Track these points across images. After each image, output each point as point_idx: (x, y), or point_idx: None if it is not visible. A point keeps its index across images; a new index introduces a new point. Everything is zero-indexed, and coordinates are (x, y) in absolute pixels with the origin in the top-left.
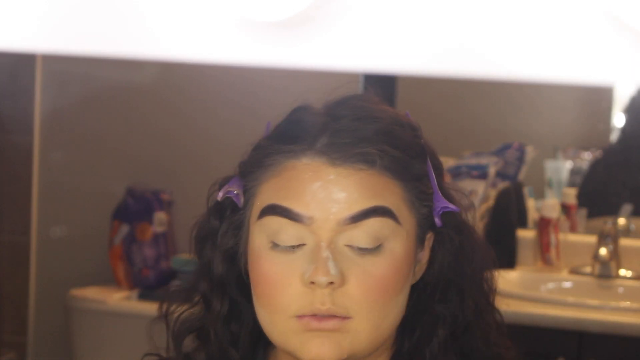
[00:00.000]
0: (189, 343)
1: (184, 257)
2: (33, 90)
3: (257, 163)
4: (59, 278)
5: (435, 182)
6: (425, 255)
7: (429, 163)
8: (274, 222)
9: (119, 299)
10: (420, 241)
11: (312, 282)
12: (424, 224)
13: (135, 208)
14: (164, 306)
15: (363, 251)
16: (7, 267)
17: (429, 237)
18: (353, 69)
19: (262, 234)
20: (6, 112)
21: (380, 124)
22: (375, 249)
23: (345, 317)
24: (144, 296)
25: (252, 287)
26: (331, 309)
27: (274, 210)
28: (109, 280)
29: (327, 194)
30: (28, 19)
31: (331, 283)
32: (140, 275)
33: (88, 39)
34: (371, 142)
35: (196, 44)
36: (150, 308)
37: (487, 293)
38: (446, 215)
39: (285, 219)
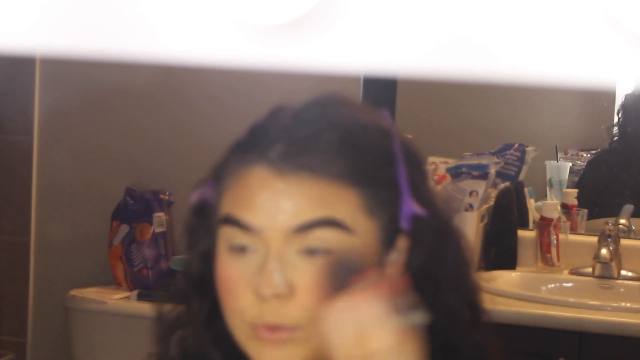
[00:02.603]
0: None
1: (184, 257)
2: (33, 90)
3: (221, 169)
4: (58, 278)
5: (407, 185)
6: (400, 257)
7: (401, 166)
8: (229, 231)
9: (118, 299)
10: (386, 245)
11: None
12: (391, 228)
13: (135, 208)
14: (157, 306)
15: (313, 257)
16: (7, 267)
17: (402, 240)
18: (353, 72)
19: (222, 240)
20: (6, 112)
21: (337, 130)
22: (325, 256)
23: (294, 328)
24: (143, 296)
25: None
26: (279, 321)
27: (227, 220)
28: (108, 281)
29: (274, 204)
30: (28, 19)
31: (277, 295)
32: (139, 276)
33: (87, 39)
34: (321, 151)
35: (196, 46)
36: (150, 308)
37: (470, 296)
38: (419, 219)
39: (238, 229)
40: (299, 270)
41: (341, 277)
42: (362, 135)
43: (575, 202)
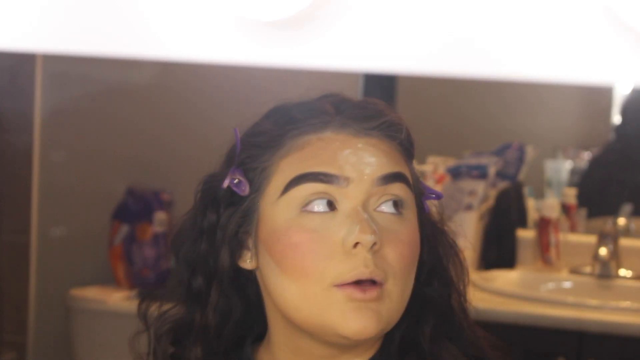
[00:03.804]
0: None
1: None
2: (33, 90)
3: (269, 143)
4: (59, 278)
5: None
6: None
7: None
8: (306, 189)
9: (119, 299)
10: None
11: (356, 244)
12: (417, 205)
13: (135, 208)
14: (143, 307)
15: (390, 216)
16: (7, 267)
17: None
18: (353, 69)
19: (289, 206)
20: (6, 112)
21: (381, 105)
22: (399, 215)
23: (382, 283)
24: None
25: (275, 266)
26: (374, 271)
27: (305, 178)
28: (109, 280)
29: (358, 159)
30: (28, 18)
31: (374, 244)
32: (140, 275)
33: (87, 38)
34: (390, 115)
35: (195, 43)
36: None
37: (460, 278)
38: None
39: (320, 183)
40: (381, 225)
41: None
42: (394, 112)
43: (575, 201)
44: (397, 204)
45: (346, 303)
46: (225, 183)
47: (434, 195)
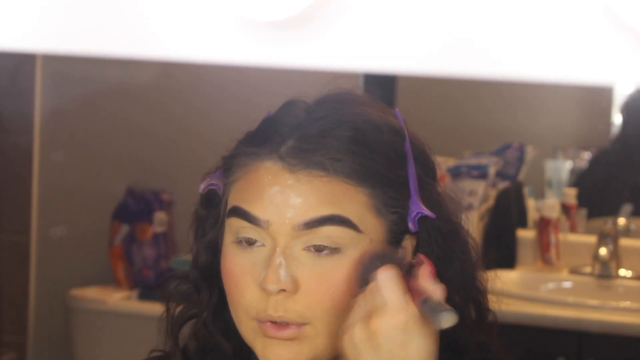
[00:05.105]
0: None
1: (184, 257)
2: (33, 90)
3: (231, 161)
4: (59, 278)
5: (416, 186)
6: (407, 256)
7: (411, 167)
8: (237, 223)
9: (119, 299)
10: (391, 244)
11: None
12: (397, 228)
13: (135, 208)
14: (165, 296)
15: (320, 254)
16: (7, 267)
17: (408, 240)
18: (353, 69)
19: (229, 232)
20: (6, 112)
21: (349, 128)
22: (332, 254)
23: (301, 324)
24: (144, 296)
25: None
26: (283, 316)
27: (236, 212)
28: (109, 280)
29: (284, 199)
30: (28, 18)
31: (283, 290)
32: (140, 275)
33: (87, 38)
34: (332, 149)
35: (196, 44)
36: (150, 308)
37: (476, 296)
38: (426, 220)
39: (245, 221)
40: (305, 267)
41: (369, 270)
42: (374, 134)
43: (575, 201)
44: (326, 246)
45: (265, 338)
46: (201, 187)
47: (423, 214)
